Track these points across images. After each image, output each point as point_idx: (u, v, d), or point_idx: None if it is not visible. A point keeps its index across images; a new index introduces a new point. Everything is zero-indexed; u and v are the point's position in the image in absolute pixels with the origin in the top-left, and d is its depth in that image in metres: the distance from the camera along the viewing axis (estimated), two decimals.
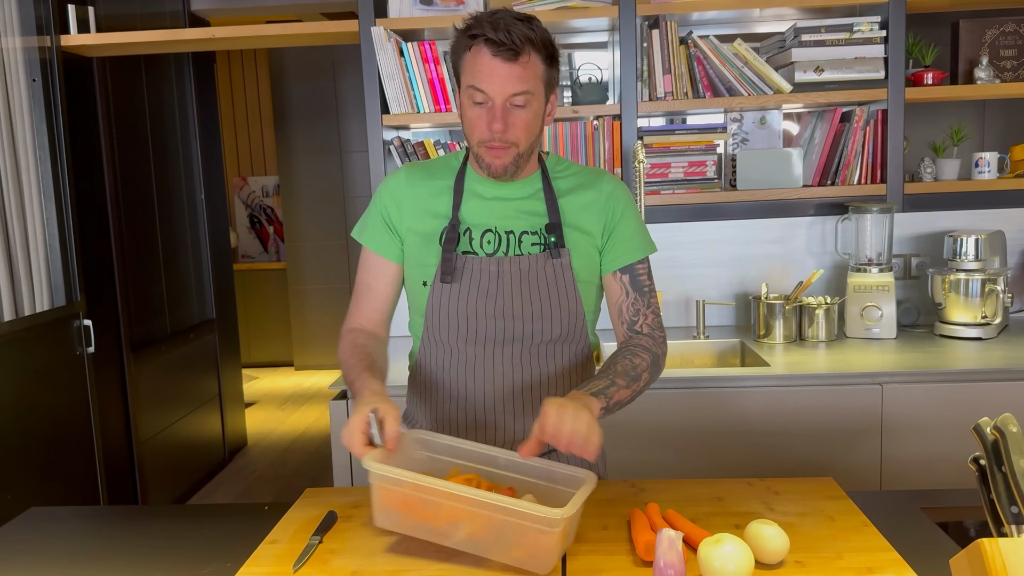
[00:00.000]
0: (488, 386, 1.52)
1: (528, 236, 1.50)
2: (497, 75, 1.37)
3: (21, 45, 2.80)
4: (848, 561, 1.15)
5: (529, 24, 1.38)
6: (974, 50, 2.90)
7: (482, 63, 1.37)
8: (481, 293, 1.48)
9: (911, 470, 2.25)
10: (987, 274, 2.57)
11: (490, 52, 1.36)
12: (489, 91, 1.38)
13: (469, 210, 1.52)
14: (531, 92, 1.39)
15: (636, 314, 1.54)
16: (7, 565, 1.30)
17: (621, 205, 1.54)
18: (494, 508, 1.14)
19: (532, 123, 1.42)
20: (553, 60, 1.43)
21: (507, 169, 1.45)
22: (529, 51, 1.37)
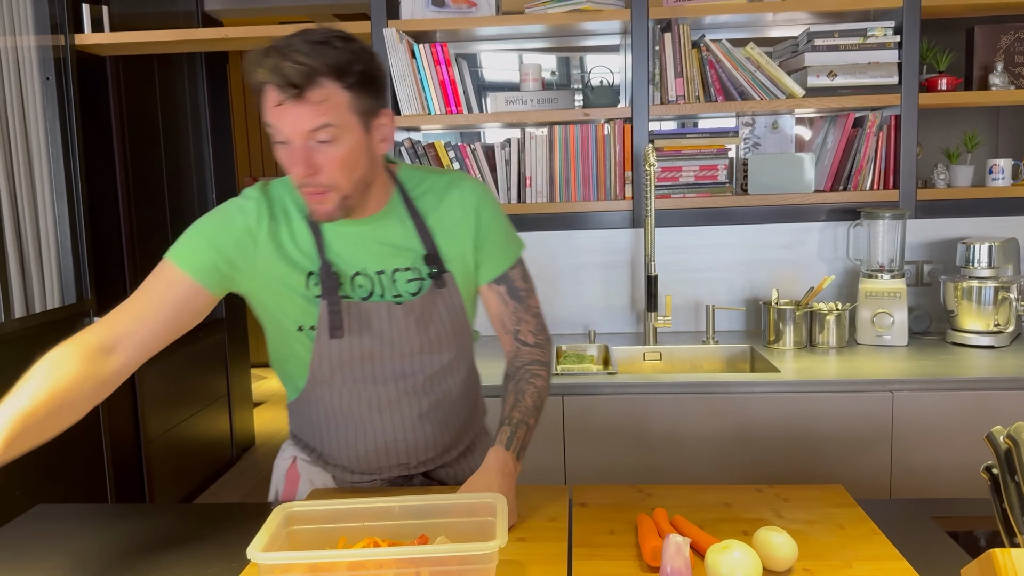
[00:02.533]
0: (388, 416, 1.46)
1: (402, 273, 1.40)
2: (286, 116, 1.21)
3: (35, 43, 2.81)
4: (857, 570, 1.14)
5: (320, 51, 1.20)
6: (989, 56, 2.88)
7: (270, 101, 1.22)
8: (375, 340, 1.40)
9: (922, 478, 2.23)
10: (1000, 282, 2.55)
11: (275, 91, 1.20)
12: (283, 131, 1.23)
13: (339, 252, 1.38)
14: (334, 125, 1.22)
15: (518, 323, 1.49)
16: (13, 562, 1.30)
17: (488, 212, 1.44)
18: (420, 561, 1.04)
19: (348, 160, 1.25)
20: (364, 83, 1.24)
21: (333, 215, 1.30)
22: (320, 83, 1.20)
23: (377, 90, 1.28)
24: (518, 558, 1.21)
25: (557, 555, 1.22)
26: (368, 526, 1.17)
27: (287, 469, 1.56)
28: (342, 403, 1.46)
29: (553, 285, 2.91)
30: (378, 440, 1.48)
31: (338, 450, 1.51)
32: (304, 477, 1.54)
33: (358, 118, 1.25)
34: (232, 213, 1.36)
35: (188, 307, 1.33)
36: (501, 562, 1.18)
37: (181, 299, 1.32)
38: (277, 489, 1.58)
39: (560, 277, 2.91)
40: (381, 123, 1.30)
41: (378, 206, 1.38)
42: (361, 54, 1.25)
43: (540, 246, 2.90)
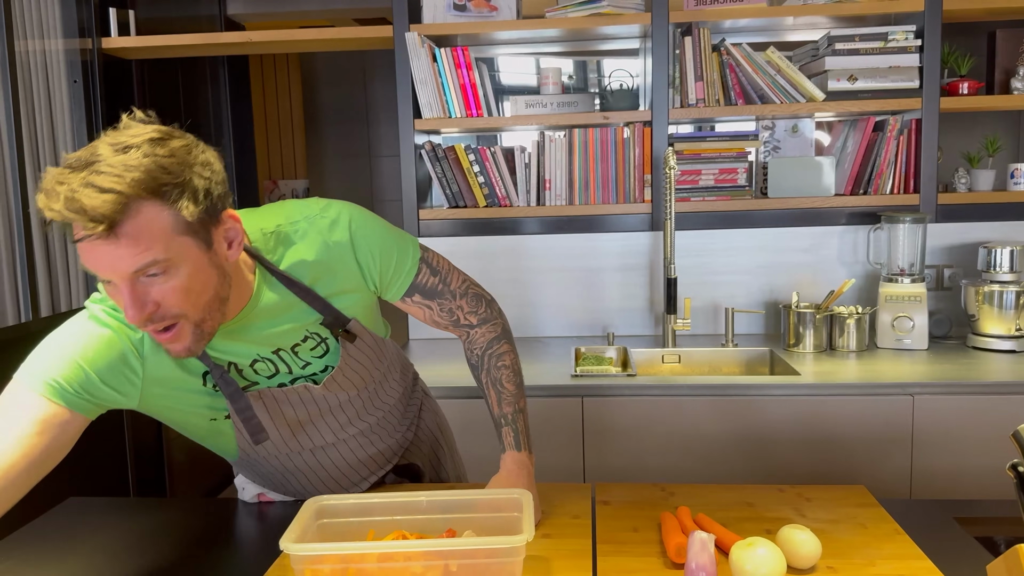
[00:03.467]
0: (337, 458, 1.43)
1: (301, 345, 1.28)
2: (103, 262, 1.01)
3: (63, 47, 2.86)
4: (881, 568, 1.15)
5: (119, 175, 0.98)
6: (1011, 60, 2.87)
7: (83, 249, 1.01)
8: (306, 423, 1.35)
9: (942, 482, 2.23)
10: (1022, 286, 2.54)
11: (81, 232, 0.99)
12: (100, 273, 1.03)
13: (217, 351, 1.23)
14: (162, 259, 1.02)
15: (451, 314, 1.39)
16: (50, 551, 1.33)
17: (365, 242, 1.27)
18: (449, 554, 1.04)
19: (191, 287, 1.06)
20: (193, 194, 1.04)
21: (194, 349, 1.12)
22: (127, 213, 0.98)
23: (213, 196, 1.07)
24: (543, 553, 1.22)
25: (581, 551, 1.23)
26: (396, 519, 1.18)
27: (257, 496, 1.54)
28: (285, 465, 1.41)
29: (571, 287, 2.93)
30: (332, 475, 1.44)
31: (296, 492, 1.48)
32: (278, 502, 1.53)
33: (190, 238, 1.05)
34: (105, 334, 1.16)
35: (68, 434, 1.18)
36: (526, 557, 1.19)
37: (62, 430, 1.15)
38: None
39: (579, 279, 2.93)
40: (225, 229, 1.11)
41: (242, 303, 1.19)
42: (180, 154, 1.05)
43: (559, 248, 2.91)
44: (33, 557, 1.31)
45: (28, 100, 2.67)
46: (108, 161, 0.99)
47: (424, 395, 1.67)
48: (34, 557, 1.31)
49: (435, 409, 1.70)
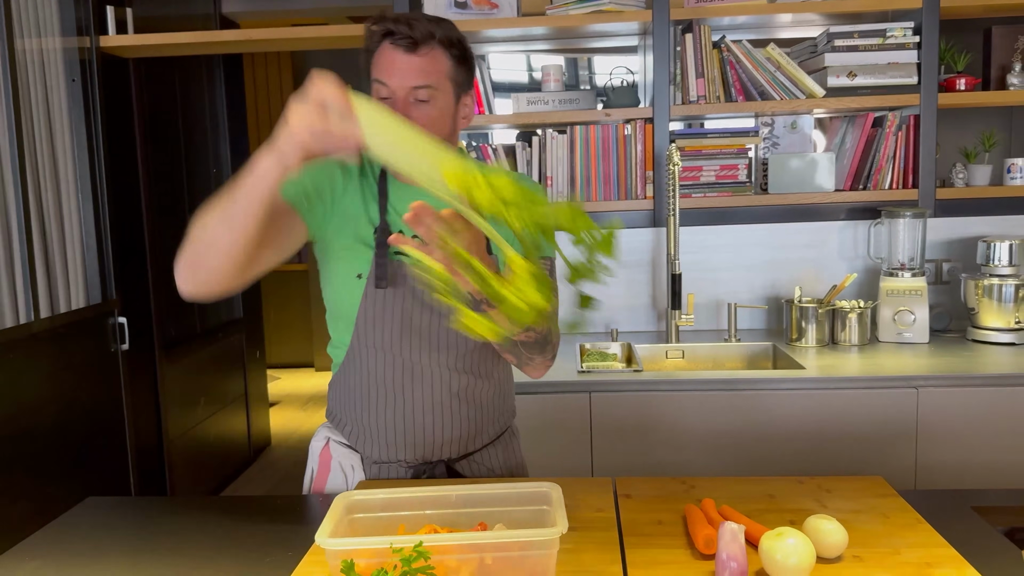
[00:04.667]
0: (421, 388, 1.49)
1: None
2: (397, 67, 1.35)
3: (61, 46, 2.84)
4: (906, 556, 1.16)
5: (438, 23, 1.37)
6: (1007, 56, 2.90)
7: (384, 56, 1.36)
8: (416, 299, 1.45)
9: (947, 473, 2.26)
10: (1021, 279, 2.57)
11: (391, 45, 1.35)
12: (390, 83, 1.36)
13: (397, 217, 1.46)
14: (434, 87, 1.36)
15: None
16: (70, 550, 1.32)
17: None
18: (484, 547, 1.06)
19: (438, 121, 1.38)
20: (463, 59, 1.40)
21: None
22: (431, 44, 1.35)
23: (470, 71, 1.43)
24: (571, 545, 1.23)
25: (609, 542, 1.24)
26: (427, 514, 1.19)
27: (320, 450, 1.61)
28: (379, 369, 1.49)
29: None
30: (407, 413, 1.50)
31: (370, 423, 1.53)
32: (335, 459, 1.58)
33: (453, 87, 1.39)
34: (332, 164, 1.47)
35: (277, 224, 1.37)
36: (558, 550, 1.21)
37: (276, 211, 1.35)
38: (313, 468, 1.62)
39: None
40: (466, 102, 1.45)
41: None
42: (463, 38, 1.40)
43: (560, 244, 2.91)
44: (58, 557, 1.31)
45: (26, 98, 2.65)
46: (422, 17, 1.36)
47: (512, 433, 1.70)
48: (59, 557, 1.31)
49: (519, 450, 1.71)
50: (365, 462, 1.57)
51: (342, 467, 1.57)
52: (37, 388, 2.60)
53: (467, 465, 1.61)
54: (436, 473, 1.58)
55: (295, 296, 6.81)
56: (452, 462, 1.59)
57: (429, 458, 1.55)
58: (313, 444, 1.65)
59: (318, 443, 1.63)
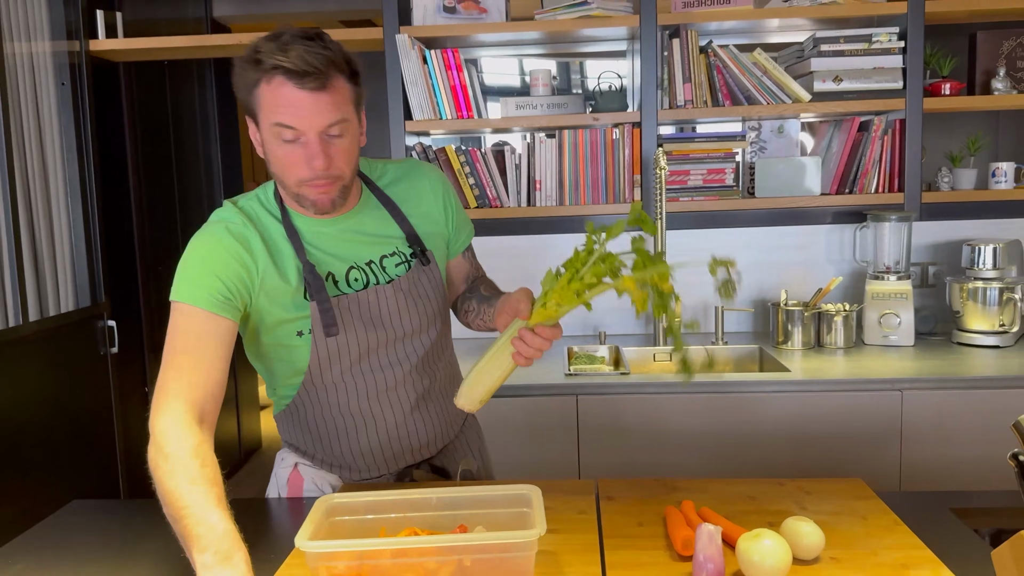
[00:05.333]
0: (388, 405, 1.49)
1: (389, 259, 1.46)
2: (306, 109, 1.24)
3: (51, 49, 2.84)
4: (883, 558, 1.18)
5: (322, 42, 1.25)
6: (992, 61, 2.93)
7: (285, 97, 1.23)
8: (369, 329, 1.43)
9: (932, 475, 2.27)
10: (1005, 283, 2.59)
11: (293, 84, 1.22)
12: (300, 127, 1.25)
13: (320, 253, 1.41)
14: (346, 119, 1.29)
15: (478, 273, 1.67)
16: (55, 553, 1.33)
17: (451, 193, 1.57)
18: (463, 549, 1.07)
19: (351, 150, 1.33)
20: (356, 75, 1.31)
21: (335, 203, 1.35)
22: (334, 75, 1.25)
23: (361, 85, 1.34)
24: (552, 548, 1.24)
25: (589, 545, 1.25)
26: (407, 516, 1.20)
27: (288, 476, 1.56)
28: (339, 401, 1.47)
29: None
30: (379, 432, 1.49)
31: (340, 450, 1.51)
32: (308, 480, 1.55)
33: (356, 111, 1.33)
34: (223, 238, 1.36)
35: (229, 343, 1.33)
36: (537, 553, 1.21)
37: (231, 336, 1.32)
38: (280, 495, 1.57)
39: None
40: (362, 117, 1.38)
41: (354, 202, 1.45)
42: (347, 52, 1.30)
43: (550, 248, 2.93)
44: (43, 561, 1.31)
45: (16, 102, 2.65)
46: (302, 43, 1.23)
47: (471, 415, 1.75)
48: (44, 561, 1.31)
49: (478, 427, 1.76)
50: (344, 480, 1.56)
51: (318, 486, 1.54)
52: (25, 391, 2.60)
53: (444, 457, 1.62)
54: (415, 475, 1.59)
55: None
56: (431, 459, 1.61)
57: (410, 463, 1.57)
58: (277, 472, 1.59)
59: (284, 470, 1.57)
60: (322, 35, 1.27)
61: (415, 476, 1.59)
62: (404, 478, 1.58)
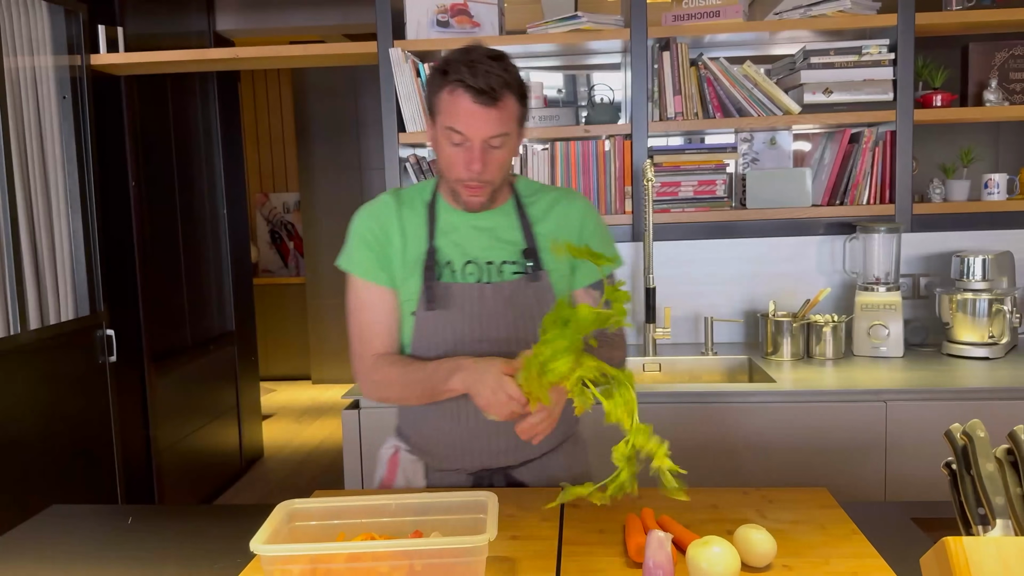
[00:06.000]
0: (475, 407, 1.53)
1: (508, 265, 1.56)
2: (476, 119, 1.41)
3: (53, 64, 2.91)
4: (835, 566, 1.19)
5: (504, 65, 1.42)
6: (984, 73, 2.93)
7: (461, 107, 1.41)
8: (465, 319, 1.52)
9: (915, 486, 2.27)
10: (994, 294, 2.59)
11: (470, 98, 1.39)
12: (468, 134, 1.42)
13: (448, 241, 1.55)
14: (508, 133, 1.44)
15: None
16: (31, 557, 1.36)
17: (591, 224, 1.61)
18: (414, 554, 1.09)
19: (506, 161, 1.49)
20: (525, 98, 1.48)
21: (483, 205, 1.52)
22: (506, 95, 1.41)
23: (527, 106, 1.51)
24: (510, 554, 1.26)
25: (547, 552, 1.27)
26: (366, 522, 1.22)
27: (389, 457, 1.69)
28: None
29: None
30: (463, 423, 1.56)
31: (427, 434, 1.61)
32: (401, 466, 1.66)
33: (517, 127, 1.49)
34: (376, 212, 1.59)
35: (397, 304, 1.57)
36: (493, 558, 1.23)
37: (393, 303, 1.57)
38: (380, 475, 1.70)
39: None
40: (522, 132, 1.53)
41: (498, 205, 1.58)
42: (519, 75, 1.46)
43: None
44: (12, 566, 1.34)
45: (18, 116, 2.71)
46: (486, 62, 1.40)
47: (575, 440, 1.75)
48: (13, 566, 1.34)
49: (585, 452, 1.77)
50: (428, 470, 1.64)
51: (405, 474, 1.65)
52: (24, 399, 2.64)
53: (527, 472, 1.64)
54: (495, 481, 1.62)
55: (292, 309, 6.87)
56: (512, 469, 1.63)
57: (488, 465, 1.60)
58: (382, 452, 1.73)
59: (387, 451, 1.71)
60: (504, 57, 1.43)
61: (494, 482, 1.62)
62: (480, 483, 1.62)
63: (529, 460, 1.63)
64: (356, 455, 2.33)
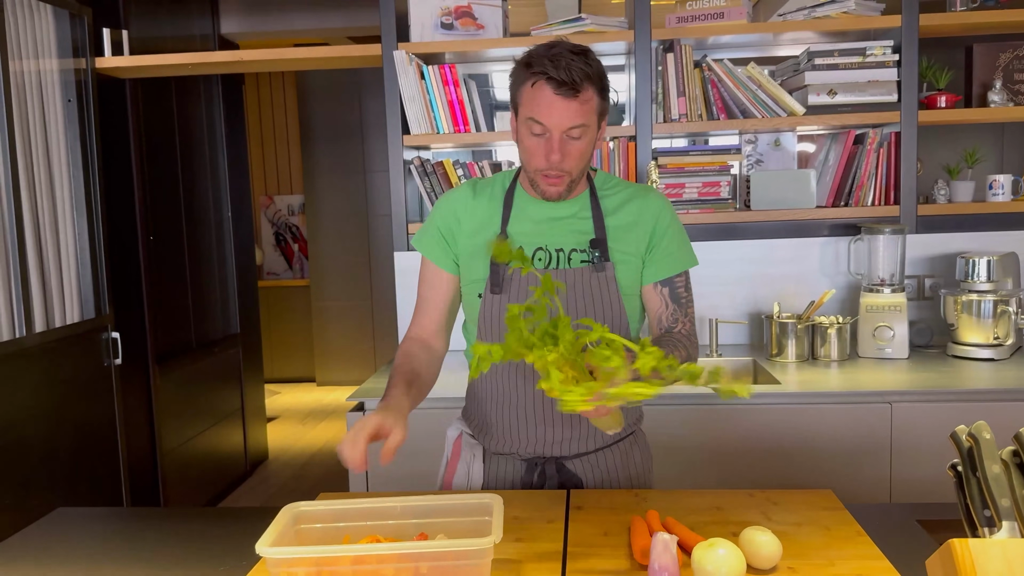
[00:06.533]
0: (532, 387, 1.58)
1: (577, 253, 1.58)
2: (556, 110, 1.43)
3: (58, 67, 2.92)
4: (839, 568, 1.19)
5: (586, 59, 1.44)
6: (988, 74, 2.93)
7: (542, 98, 1.44)
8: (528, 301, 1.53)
9: (919, 488, 2.26)
10: (999, 295, 2.58)
11: (551, 89, 1.42)
12: (548, 124, 1.45)
13: (521, 229, 1.59)
14: (587, 125, 1.47)
15: (675, 323, 1.63)
16: (36, 560, 1.37)
17: (665, 221, 1.61)
18: (419, 556, 1.09)
19: (585, 152, 1.51)
20: (605, 91, 1.50)
21: (561, 195, 1.54)
22: (587, 87, 1.44)
23: (609, 100, 1.53)
24: (515, 556, 1.26)
25: (552, 554, 1.27)
26: (371, 525, 1.22)
27: (455, 439, 1.75)
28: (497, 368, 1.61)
29: None
30: (519, 409, 1.60)
31: (489, 418, 1.65)
32: (464, 448, 1.72)
33: (597, 120, 1.51)
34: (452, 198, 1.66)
35: (455, 287, 1.65)
36: (498, 561, 1.24)
37: (449, 285, 1.65)
38: (447, 456, 1.75)
39: None
40: (603, 126, 1.55)
41: (576, 194, 1.61)
42: (603, 69, 1.49)
43: None
44: (17, 568, 1.35)
45: (23, 119, 2.72)
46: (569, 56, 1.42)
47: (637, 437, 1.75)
48: (18, 569, 1.35)
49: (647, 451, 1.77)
50: (486, 454, 1.68)
51: (466, 457, 1.69)
52: (29, 402, 2.65)
53: (580, 465, 1.65)
54: (547, 470, 1.63)
55: (297, 312, 6.88)
56: (565, 459, 1.64)
57: (542, 451, 1.62)
58: (449, 433, 1.78)
59: (453, 432, 1.76)
60: (587, 52, 1.46)
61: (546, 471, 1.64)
62: (533, 469, 1.64)
63: (583, 453, 1.64)
64: None
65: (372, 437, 1.32)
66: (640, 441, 1.75)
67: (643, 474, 1.72)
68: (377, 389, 2.39)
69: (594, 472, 1.65)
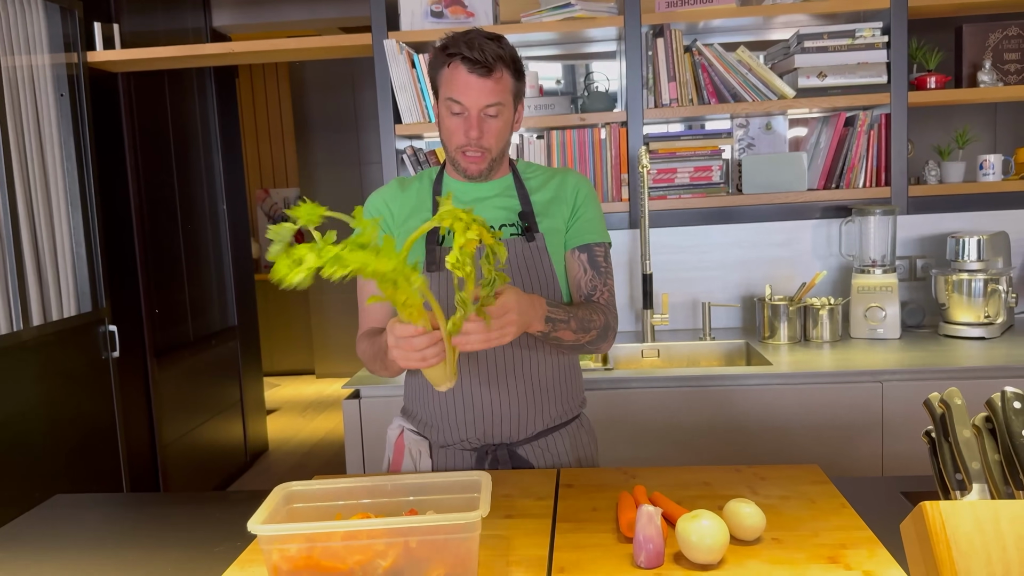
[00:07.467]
0: (477, 366, 1.60)
1: (507, 228, 1.65)
2: (473, 89, 1.53)
3: (50, 61, 2.92)
4: (823, 539, 1.20)
5: (499, 43, 1.54)
6: (978, 54, 2.93)
7: (459, 78, 1.53)
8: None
9: (910, 464, 2.28)
10: (989, 274, 2.60)
11: (467, 69, 1.52)
12: (465, 103, 1.54)
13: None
14: (502, 104, 1.56)
15: (593, 290, 1.66)
16: (34, 546, 1.38)
17: (584, 195, 1.69)
18: (409, 531, 1.10)
19: (503, 130, 1.59)
20: (520, 74, 1.59)
21: (482, 172, 1.62)
22: (500, 67, 1.53)
23: (523, 82, 1.62)
24: (504, 532, 1.28)
25: (541, 530, 1.29)
26: (362, 503, 1.24)
27: (395, 439, 1.75)
28: None
29: None
30: (464, 390, 1.62)
31: (433, 407, 1.66)
32: (407, 446, 1.72)
33: (513, 101, 1.59)
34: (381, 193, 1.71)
35: None
36: (488, 536, 1.26)
37: None
38: (389, 456, 1.76)
39: None
40: (519, 110, 1.64)
41: (499, 176, 1.69)
42: (517, 54, 1.59)
43: None
44: (15, 554, 1.36)
45: (15, 114, 2.73)
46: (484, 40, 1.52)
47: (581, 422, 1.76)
48: (16, 554, 1.36)
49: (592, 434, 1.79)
50: (433, 448, 1.69)
51: (411, 453, 1.70)
52: (27, 397, 2.67)
53: (531, 450, 1.66)
54: (499, 456, 1.64)
55: (295, 305, 6.89)
56: (515, 446, 1.65)
57: (490, 439, 1.63)
58: (389, 432, 1.79)
59: (393, 431, 1.77)
60: (501, 38, 1.56)
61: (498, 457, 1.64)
62: (484, 458, 1.64)
63: (531, 438, 1.65)
64: (357, 442, 2.36)
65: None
66: (586, 424, 1.78)
67: (591, 456, 1.76)
68: (372, 377, 2.41)
69: (544, 456, 1.66)
